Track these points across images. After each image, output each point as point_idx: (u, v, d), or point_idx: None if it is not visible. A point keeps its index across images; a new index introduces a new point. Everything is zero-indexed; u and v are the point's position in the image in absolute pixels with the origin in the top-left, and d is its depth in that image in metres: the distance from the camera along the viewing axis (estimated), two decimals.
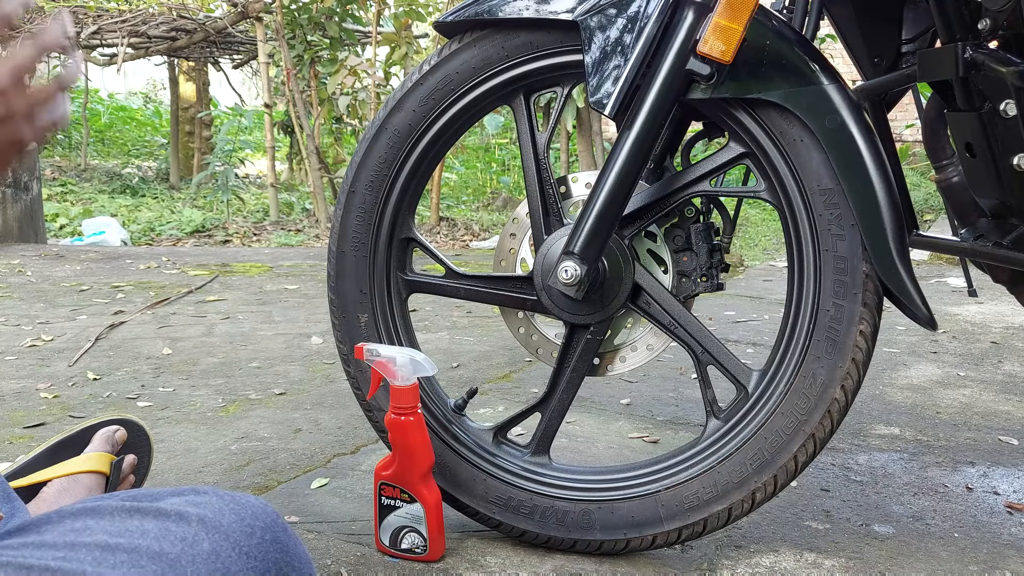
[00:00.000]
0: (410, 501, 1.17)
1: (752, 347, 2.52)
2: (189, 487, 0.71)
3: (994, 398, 2.04)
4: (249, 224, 5.83)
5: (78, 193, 6.92)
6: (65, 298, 3.19)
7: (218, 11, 7.03)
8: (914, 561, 1.24)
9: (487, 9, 1.17)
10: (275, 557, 0.64)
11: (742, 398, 1.19)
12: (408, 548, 1.18)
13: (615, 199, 1.12)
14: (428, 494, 1.17)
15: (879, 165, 1.08)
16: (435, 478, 1.24)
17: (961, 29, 1.01)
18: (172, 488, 0.71)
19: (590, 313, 1.20)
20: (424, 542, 1.17)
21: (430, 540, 1.17)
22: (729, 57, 1.04)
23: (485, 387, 2.09)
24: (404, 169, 1.24)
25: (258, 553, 0.63)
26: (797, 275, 1.15)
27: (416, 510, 1.17)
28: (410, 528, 1.17)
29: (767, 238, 5.20)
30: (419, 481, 1.17)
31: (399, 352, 1.14)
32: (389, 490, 1.18)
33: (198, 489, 0.70)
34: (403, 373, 1.13)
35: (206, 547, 0.61)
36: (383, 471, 1.18)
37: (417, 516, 1.17)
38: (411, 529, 1.17)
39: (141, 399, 1.99)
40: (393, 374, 1.14)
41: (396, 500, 1.18)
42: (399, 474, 1.17)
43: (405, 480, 1.17)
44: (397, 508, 1.18)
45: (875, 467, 1.61)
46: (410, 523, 1.17)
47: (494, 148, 8.66)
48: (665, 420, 1.87)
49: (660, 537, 1.19)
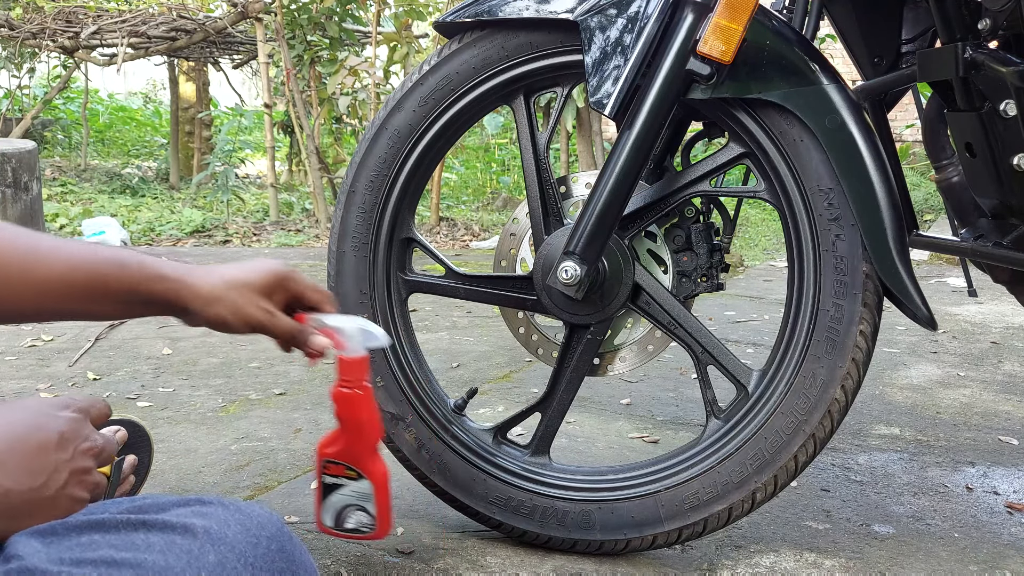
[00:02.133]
0: (357, 478, 1.09)
1: (752, 347, 2.52)
2: (195, 496, 0.71)
3: (994, 398, 2.04)
4: (249, 224, 5.83)
5: (78, 193, 6.92)
6: None
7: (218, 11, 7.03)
8: (914, 561, 1.24)
9: (487, 9, 1.17)
10: (280, 567, 0.64)
11: (742, 398, 1.19)
12: (354, 527, 1.11)
13: (615, 199, 1.12)
14: (376, 470, 1.09)
15: (879, 165, 1.08)
16: (435, 478, 1.23)
17: (961, 29, 1.01)
18: (178, 497, 0.71)
19: (590, 313, 1.20)
20: (372, 520, 1.10)
21: (378, 518, 1.10)
22: (729, 57, 1.04)
23: (485, 387, 2.09)
24: (404, 169, 1.24)
25: (263, 563, 0.63)
26: (797, 275, 1.15)
27: (364, 487, 1.09)
28: (356, 506, 1.10)
29: (767, 238, 5.20)
30: (367, 457, 1.09)
31: (348, 320, 1.06)
32: (334, 467, 1.09)
33: (203, 499, 0.70)
34: (352, 344, 1.05)
35: (211, 559, 0.61)
36: (327, 448, 1.10)
37: (365, 494, 1.09)
38: (357, 507, 1.10)
39: (141, 399, 1.99)
40: (341, 344, 1.05)
41: (341, 478, 1.10)
42: (346, 450, 1.09)
43: (353, 457, 1.09)
44: (342, 486, 1.10)
45: (875, 467, 1.61)
46: (356, 501, 1.10)
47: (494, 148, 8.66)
48: (665, 420, 1.87)
49: (660, 537, 1.19)
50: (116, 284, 0.87)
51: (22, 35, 6.54)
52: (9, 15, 6.57)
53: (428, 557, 1.22)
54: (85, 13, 6.56)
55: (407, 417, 1.26)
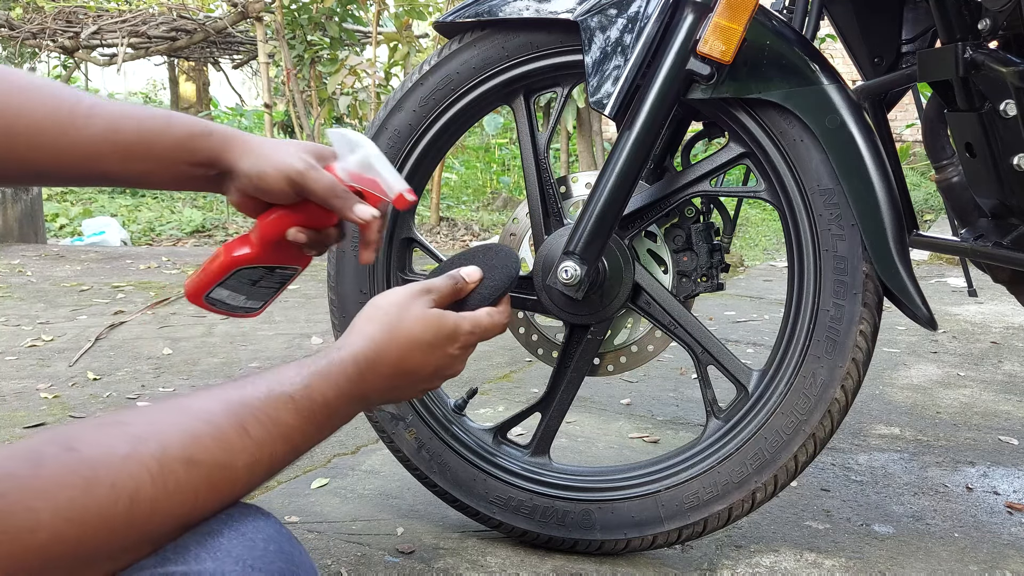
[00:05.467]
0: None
1: (752, 347, 2.52)
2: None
3: (994, 398, 2.04)
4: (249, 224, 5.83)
5: (78, 193, 6.91)
6: (65, 298, 3.19)
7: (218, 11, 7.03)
8: (914, 561, 1.24)
9: (487, 9, 1.17)
10: (279, 567, 0.64)
11: (742, 398, 1.19)
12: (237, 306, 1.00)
13: (615, 199, 1.12)
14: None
15: (879, 165, 1.08)
16: (435, 478, 1.24)
17: (961, 29, 1.01)
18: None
19: (590, 313, 1.20)
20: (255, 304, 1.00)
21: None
22: (729, 57, 1.04)
23: (485, 387, 2.09)
24: (404, 169, 1.24)
25: (262, 565, 0.63)
26: (797, 275, 1.15)
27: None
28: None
29: (767, 238, 5.20)
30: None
31: (371, 157, 0.92)
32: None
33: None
34: (393, 184, 0.92)
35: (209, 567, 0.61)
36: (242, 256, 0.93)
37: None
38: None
39: (141, 399, 1.99)
40: (384, 192, 0.92)
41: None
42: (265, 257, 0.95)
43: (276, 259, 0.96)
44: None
45: (875, 467, 1.61)
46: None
47: (494, 148, 8.66)
48: (665, 420, 1.87)
49: (660, 537, 1.19)
50: (162, 140, 0.85)
51: (22, 35, 6.54)
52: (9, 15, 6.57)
53: (428, 557, 1.22)
54: (85, 13, 6.56)
55: (407, 417, 1.26)
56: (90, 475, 0.54)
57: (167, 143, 0.85)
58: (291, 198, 0.89)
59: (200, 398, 0.64)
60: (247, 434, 0.64)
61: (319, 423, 0.71)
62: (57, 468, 0.53)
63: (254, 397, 0.66)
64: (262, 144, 0.90)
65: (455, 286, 0.87)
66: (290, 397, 0.69)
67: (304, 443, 0.70)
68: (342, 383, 0.74)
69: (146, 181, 0.88)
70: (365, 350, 0.77)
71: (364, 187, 0.92)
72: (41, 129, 0.80)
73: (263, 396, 0.67)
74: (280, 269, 0.98)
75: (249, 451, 0.64)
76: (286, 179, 0.88)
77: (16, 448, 0.54)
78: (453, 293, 0.87)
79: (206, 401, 0.64)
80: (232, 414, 0.64)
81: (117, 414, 0.60)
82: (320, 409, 0.71)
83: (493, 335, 0.88)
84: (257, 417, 0.65)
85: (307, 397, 0.70)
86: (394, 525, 1.32)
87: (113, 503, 0.54)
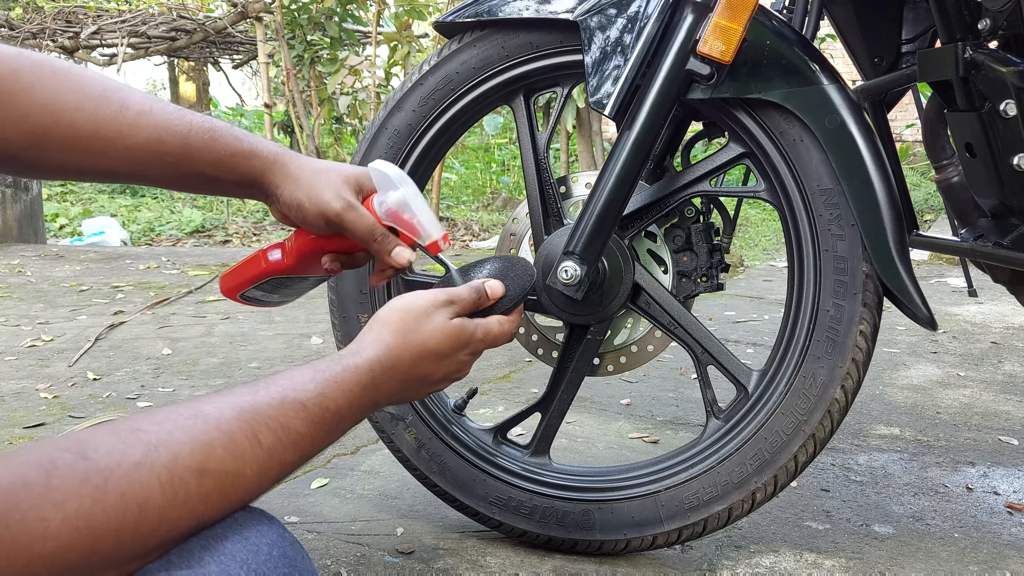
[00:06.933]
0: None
1: (752, 347, 2.52)
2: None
3: (994, 398, 2.04)
4: (249, 224, 5.83)
5: (78, 193, 6.92)
6: (65, 298, 3.19)
7: (218, 11, 7.03)
8: (914, 561, 1.24)
9: (487, 9, 1.17)
10: (283, 572, 0.64)
11: (742, 398, 1.19)
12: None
13: (615, 199, 1.11)
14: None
15: (879, 165, 1.08)
16: (435, 478, 1.24)
17: (961, 29, 1.01)
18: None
19: (590, 313, 1.20)
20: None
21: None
22: (729, 57, 1.04)
23: (485, 387, 2.08)
24: (404, 169, 1.24)
25: (266, 570, 0.63)
26: (797, 275, 1.15)
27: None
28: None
29: (767, 238, 5.20)
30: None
31: (410, 198, 0.94)
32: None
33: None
34: (429, 230, 0.97)
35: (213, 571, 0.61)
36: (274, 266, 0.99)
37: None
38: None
39: (141, 399, 1.99)
40: (417, 233, 0.97)
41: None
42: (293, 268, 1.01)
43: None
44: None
45: (875, 467, 1.61)
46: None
47: (494, 148, 8.66)
48: (665, 420, 1.87)
49: (660, 537, 1.19)
50: (204, 157, 0.86)
51: (22, 35, 6.54)
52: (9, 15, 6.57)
53: (428, 557, 1.22)
54: (85, 13, 6.56)
55: (407, 417, 1.26)
56: (101, 484, 0.54)
57: (209, 160, 0.86)
58: (328, 231, 0.92)
59: (214, 403, 0.64)
60: (258, 443, 0.64)
61: (329, 429, 0.71)
62: (69, 476, 0.53)
63: (267, 404, 0.66)
64: (302, 170, 0.91)
65: (478, 300, 0.88)
66: (303, 405, 0.69)
67: (314, 449, 0.70)
68: (356, 391, 0.74)
69: (185, 187, 0.91)
70: (381, 358, 0.78)
71: (401, 227, 0.95)
72: (79, 136, 0.80)
73: (276, 403, 0.67)
74: (311, 277, 1.04)
75: (259, 459, 0.64)
76: (323, 218, 0.90)
77: (33, 453, 0.54)
78: (475, 307, 0.88)
79: (219, 406, 0.64)
80: (244, 421, 0.64)
81: (133, 419, 0.60)
82: (331, 417, 0.71)
83: (502, 343, 0.89)
84: (269, 425, 0.66)
85: (320, 405, 0.70)
86: (394, 525, 1.32)
87: (122, 512, 0.54)
